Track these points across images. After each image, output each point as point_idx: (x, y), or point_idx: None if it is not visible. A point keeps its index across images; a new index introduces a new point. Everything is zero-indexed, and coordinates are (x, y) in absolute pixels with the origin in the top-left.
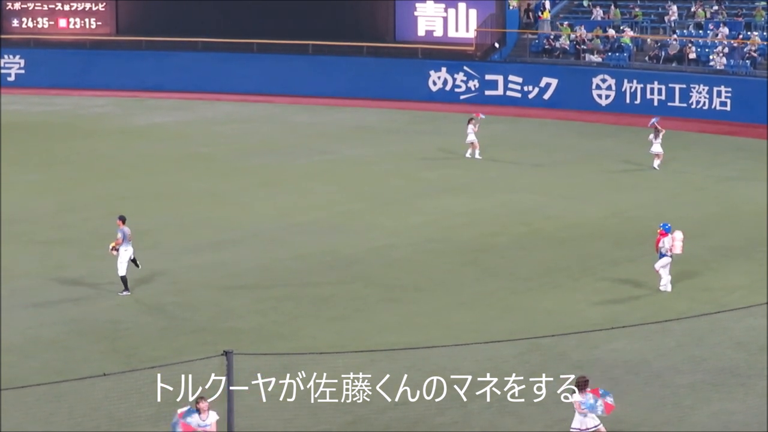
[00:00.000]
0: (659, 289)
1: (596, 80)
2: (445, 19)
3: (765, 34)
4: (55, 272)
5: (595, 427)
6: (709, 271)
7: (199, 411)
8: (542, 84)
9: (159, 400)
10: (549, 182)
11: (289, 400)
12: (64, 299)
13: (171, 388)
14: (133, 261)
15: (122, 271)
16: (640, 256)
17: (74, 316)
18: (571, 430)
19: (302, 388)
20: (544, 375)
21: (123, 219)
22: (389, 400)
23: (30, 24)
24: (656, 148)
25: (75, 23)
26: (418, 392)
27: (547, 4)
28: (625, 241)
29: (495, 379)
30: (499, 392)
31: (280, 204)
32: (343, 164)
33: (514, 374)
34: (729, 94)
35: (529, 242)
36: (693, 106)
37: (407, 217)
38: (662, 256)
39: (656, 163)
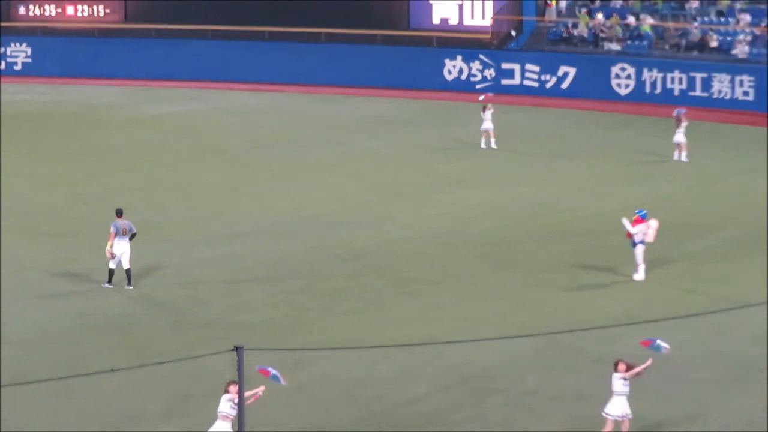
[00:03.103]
0: (633, 279)
1: (615, 69)
2: (461, 7)
3: None
4: (65, 265)
5: (625, 416)
6: (728, 265)
7: (229, 393)
8: (560, 73)
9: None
10: (566, 174)
11: (301, 395)
12: (74, 292)
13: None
14: (126, 272)
15: (112, 263)
16: (660, 249)
17: (84, 309)
18: (603, 413)
19: (315, 382)
20: (561, 370)
21: (119, 212)
22: (404, 395)
23: (37, 11)
24: (679, 137)
25: (83, 10)
26: (433, 387)
27: None
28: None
29: (512, 374)
30: (516, 388)
31: (292, 196)
32: (356, 155)
33: (531, 369)
34: (752, 84)
35: (545, 235)
36: (715, 96)
37: (421, 209)
38: (635, 244)
39: (681, 154)
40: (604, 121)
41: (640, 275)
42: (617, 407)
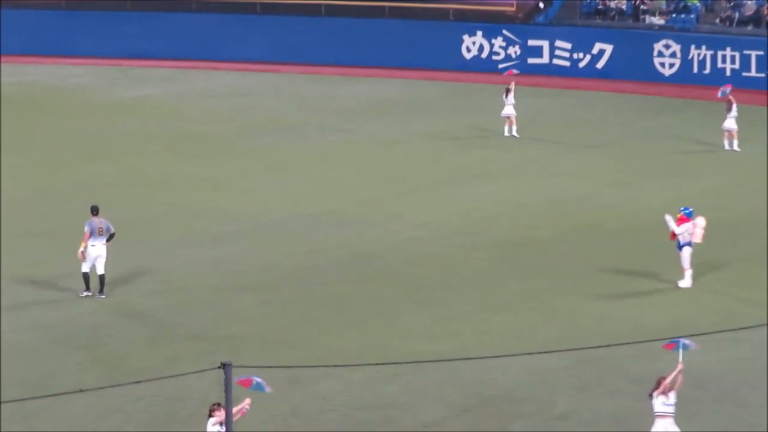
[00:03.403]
0: (678, 286)
1: (658, 46)
2: None
3: None
4: (27, 270)
5: None
6: None
7: (214, 416)
8: (594, 51)
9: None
10: (602, 166)
11: (297, 420)
12: (37, 302)
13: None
14: (100, 278)
15: (84, 267)
16: (709, 251)
17: (49, 321)
18: None
19: (313, 406)
20: (596, 391)
21: (94, 210)
22: (415, 420)
23: None
24: (729, 123)
25: None
26: (449, 411)
27: None
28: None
29: (539, 396)
30: (544, 412)
31: (289, 191)
32: (362, 145)
33: (561, 390)
34: None
35: (578, 236)
36: None
37: (436, 206)
38: (681, 246)
39: (733, 142)
40: (645, 105)
41: (686, 281)
42: (661, 430)
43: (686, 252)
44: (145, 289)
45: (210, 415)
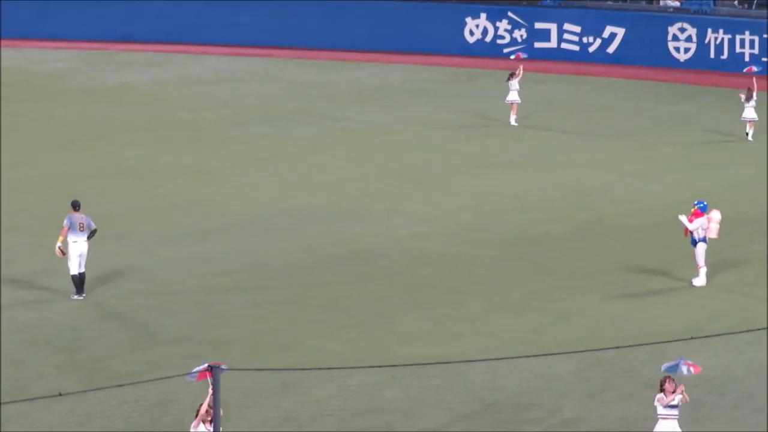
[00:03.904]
0: (692, 284)
1: (673, 30)
2: None
3: None
4: (1, 268)
5: None
6: None
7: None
8: (606, 34)
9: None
10: (615, 157)
11: (290, 425)
12: (12, 302)
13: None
14: (80, 277)
15: (73, 269)
16: (728, 248)
17: (25, 322)
18: None
19: (307, 411)
20: (607, 396)
21: (75, 205)
22: (415, 426)
23: None
24: (749, 113)
25: None
26: (452, 417)
27: None
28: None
29: (547, 401)
30: (552, 417)
31: (281, 183)
32: (359, 134)
33: (570, 395)
34: None
35: (590, 232)
36: None
37: (439, 199)
38: (695, 242)
39: (750, 131)
40: (659, 92)
41: (700, 280)
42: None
43: (701, 248)
44: (126, 289)
45: (197, 414)
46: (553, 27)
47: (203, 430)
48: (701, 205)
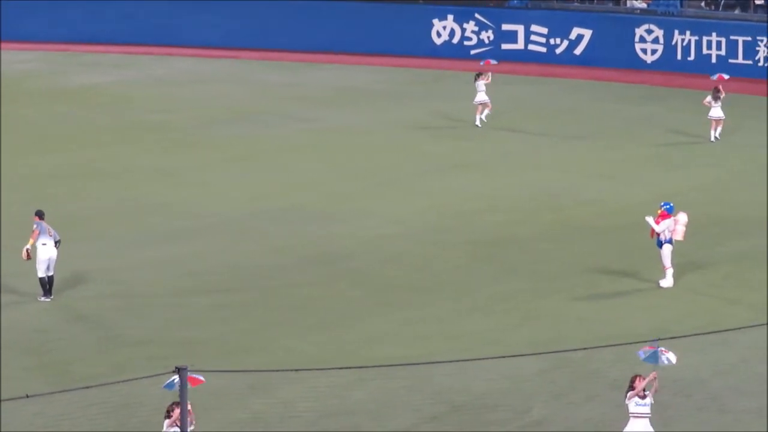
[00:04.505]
0: (660, 285)
1: (640, 31)
2: None
3: None
4: None
5: None
6: None
7: (170, 417)
8: (573, 36)
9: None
10: (582, 158)
11: (257, 426)
12: None
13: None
14: (48, 279)
15: (41, 271)
16: (696, 250)
17: None
18: None
19: (275, 413)
20: (574, 397)
21: (40, 215)
22: (382, 428)
23: None
24: (715, 112)
25: None
26: (419, 418)
27: None
28: None
29: (514, 403)
30: (518, 419)
31: (250, 185)
32: (328, 135)
33: (537, 396)
34: None
35: (557, 233)
36: (761, 64)
37: (408, 201)
38: (662, 243)
39: (716, 131)
40: (626, 93)
41: (667, 281)
42: (636, 430)
43: (666, 250)
44: (93, 291)
45: (167, 415)
46: (520, 28)
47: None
48: (668, 206)
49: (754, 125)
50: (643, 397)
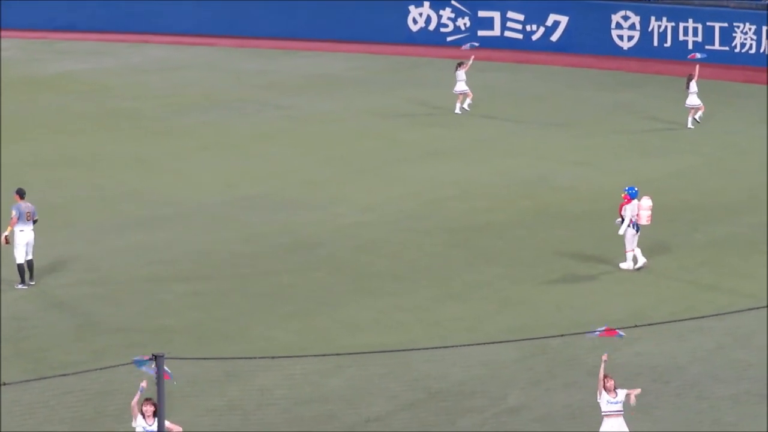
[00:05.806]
0: (620, 267)
1: (616, 18)
2: None
3: None
4: None
5: None
6: (755, 256)
7: (144, 414)
8: (549, 22)
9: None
10: (558, 145)
11: (234, 415)
12: None
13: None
14: (28, 264)
15: (19, 258)
16: (671, 236)
17: None
18: None
19: (251, 400)
20: (550, 384)
21: (21, 193)
22: (359, 415)
23: None
24: (692, 100)
25: None
26: (396, 405)
27: None
28: (654, 218)
29: (490, 390)
30: (495, 405)
31: (224, 172)
32: (302, 122)
33: (513, 383)
34: None
35: (533, 220)
36: (737, 50)
37: (383, 188)
38: (638, 228)
39: (692, 118)
40: (603, 80)
41: (627, 264)
42: (609, 430)
43: (629, 234)
44: (70, 278)
45: (140, 411)
46: (496, 15)
47: (143, 425)
48: (632, 191)
49: (730, 112)
50: (614, 393)
